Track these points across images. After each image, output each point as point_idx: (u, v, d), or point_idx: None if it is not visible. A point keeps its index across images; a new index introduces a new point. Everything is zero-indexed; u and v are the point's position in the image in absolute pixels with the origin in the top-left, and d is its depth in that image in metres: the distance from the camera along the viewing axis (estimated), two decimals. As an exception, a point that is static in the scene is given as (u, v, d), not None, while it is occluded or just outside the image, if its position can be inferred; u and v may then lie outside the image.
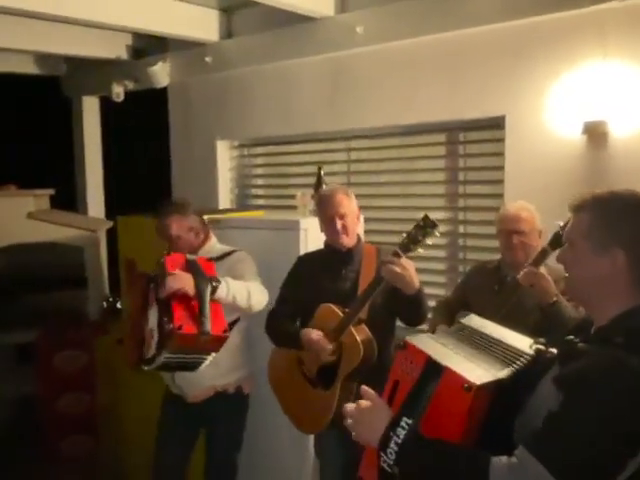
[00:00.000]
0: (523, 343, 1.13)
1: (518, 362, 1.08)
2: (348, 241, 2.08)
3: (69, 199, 4.62)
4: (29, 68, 4.15)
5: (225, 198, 3.72)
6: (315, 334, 1.97)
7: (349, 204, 2.08)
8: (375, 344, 1.93)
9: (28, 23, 3.41)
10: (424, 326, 2.29)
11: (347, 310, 1.95)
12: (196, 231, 2.28)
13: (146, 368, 2.05)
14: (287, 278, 2.22)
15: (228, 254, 2.29)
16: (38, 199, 4.23)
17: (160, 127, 3.96)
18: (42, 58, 4.20)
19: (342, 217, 2.05)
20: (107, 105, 4.48)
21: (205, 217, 2.40)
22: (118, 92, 3.99)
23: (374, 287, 1.90)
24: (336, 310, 1.98)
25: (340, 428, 2.03)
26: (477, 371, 1.06)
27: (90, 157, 4.54)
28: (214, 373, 2.19)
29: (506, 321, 1.89)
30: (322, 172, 2.70)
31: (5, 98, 4.57)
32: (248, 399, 2.41)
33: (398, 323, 2.14)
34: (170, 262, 2.06)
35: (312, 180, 2.77)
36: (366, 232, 2.86)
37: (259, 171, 3.75)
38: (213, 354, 2.02)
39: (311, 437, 2.30)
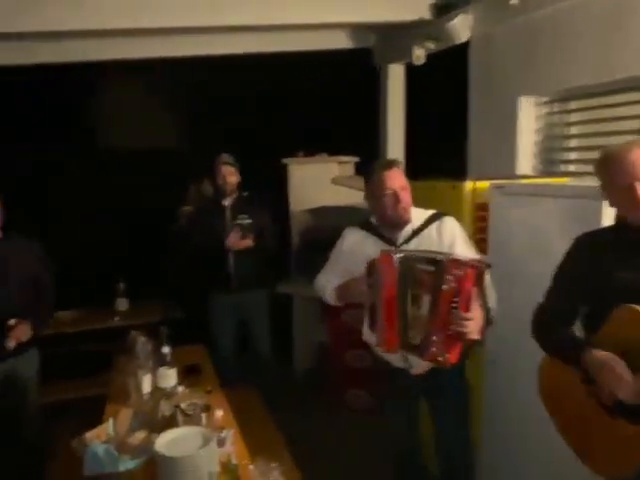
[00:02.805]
0: None
1: None
2: None
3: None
4: (342, 43, 4.42)
5: (526, 163, 3.24)
6: (612, 360, 1.44)
7: None
8: None
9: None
10: None
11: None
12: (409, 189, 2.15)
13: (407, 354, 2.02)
14: (562, 264, 1.70)
15: (433, 219, 2.12)
16: (342, 166, 4.56)
17: (459, 88, 3.70)
18: (353, 32, 4.42)
19: None
20: (408, 70, 4.45)
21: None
22: (419, 55, 3.89)
23: None
24: (652, 318, 1.41)
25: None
26: None
27: (393, 124, 4.63)
28: None
29: None
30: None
31: (321, 74, 5.02)
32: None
33: None
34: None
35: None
36: None
37: (573, 130, 3.11)
38: None
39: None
